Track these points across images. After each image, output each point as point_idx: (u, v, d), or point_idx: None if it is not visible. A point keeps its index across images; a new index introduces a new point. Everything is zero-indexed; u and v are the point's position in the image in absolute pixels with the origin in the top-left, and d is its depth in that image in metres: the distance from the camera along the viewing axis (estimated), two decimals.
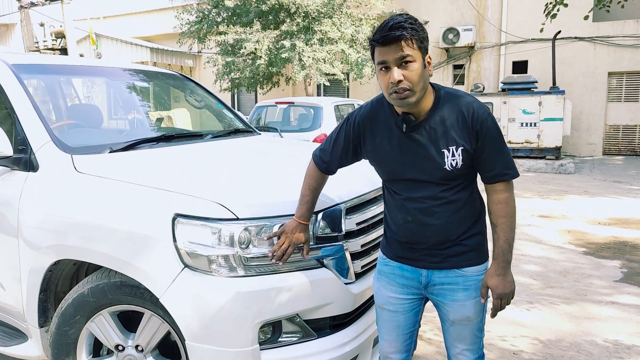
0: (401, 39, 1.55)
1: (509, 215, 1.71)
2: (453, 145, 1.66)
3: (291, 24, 11.58)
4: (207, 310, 1.82)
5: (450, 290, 1.78)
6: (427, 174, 1.70)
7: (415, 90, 1.60)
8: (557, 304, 3.72)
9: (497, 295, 1.72)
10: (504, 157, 1.70)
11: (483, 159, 1.69)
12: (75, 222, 2.09)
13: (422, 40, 1.60)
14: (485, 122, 1.66)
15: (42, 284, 2.20)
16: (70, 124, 3.04)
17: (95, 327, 2.11)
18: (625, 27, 11.97)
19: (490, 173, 1.70)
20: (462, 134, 1.66)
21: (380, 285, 1.90)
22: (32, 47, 13.46)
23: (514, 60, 13.23)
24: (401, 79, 1.57)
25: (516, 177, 1.71)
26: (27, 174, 2.29)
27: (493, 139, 1.67)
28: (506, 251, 1.71)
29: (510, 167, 1.71)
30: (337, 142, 1.90)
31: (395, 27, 1.55)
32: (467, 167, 1.69)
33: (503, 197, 1.71)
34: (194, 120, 4.39)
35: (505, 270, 1.72)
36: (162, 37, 18.00)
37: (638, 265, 4.55)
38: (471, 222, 1.76)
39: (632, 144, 12.66)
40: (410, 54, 1.57)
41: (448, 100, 1.70)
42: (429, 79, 1.68)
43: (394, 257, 1.86)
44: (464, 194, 1.74)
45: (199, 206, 1.89)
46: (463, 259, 1.76)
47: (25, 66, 2.73)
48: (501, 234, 1.71)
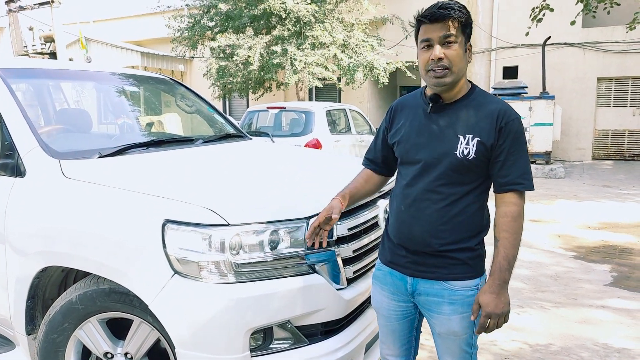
0: (448, 17, 1.57)
1: (514, 231, 1.62)
2: (470, 134, 1.63)
3: (282, 29, 11.59)
4: (197, 317, 1.80)
5: (436, 303, 1.73)
6: (436, 157, 1.65)
7: (453, 70, 1.61)
8: (548, 308, 3.73)
9: (485, 313, 1.62)
10: (522, 165, 1.63)
11: (499, 162, 1.63)
12: (63, 228, 2.06)
13: (466, 25, 1.62)
14: (512, 122, 1.62)
15: (30, 291, 2.17)
16: (58, 129, 3.01)
17: (83, 335, 2.08)
18: (614, 33, 12.11)
19: (503, 179, 1.63)
20: (483, 125, 1.62)
21: (375, 290, 1.91)
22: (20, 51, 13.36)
23: (504, 65, 13.34)
24: (442, 56, 1.59)
25: (530, 189, 1.63)
26: (14, 179, 2.26)
27: (515, 142, 1.62)
28: (504, 269, 1.61)
29: (526, 177, 1.63)
30: (378, 136, 1.95)
31: (444, 7, 1.59)
32: (478, 165, 1.63)
33: (511, 210, 1.62)
34: (184, 125, 4.36)
35: (499, 289, 1.61)
36: (153, 42, 17.96)
37: (627, 269, 4.58)
38: (467, 235, 1.68)
39: (620, 149, 12.79)
40: (454, 34, 1.59)
41: (481, 95, 1.70)
42: (466, 66, 1.67)
43: (385, 262, 1.86)
44: (465, 200, 1.67)
45: (189, 212, 1.87)
46: (449, 271, 1.70)
47: (13, 70, 2.70)
48: (501, 250, 1.62)
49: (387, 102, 17.33)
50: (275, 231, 1.93)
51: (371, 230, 2.33)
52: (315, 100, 15.27)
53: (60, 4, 12.43)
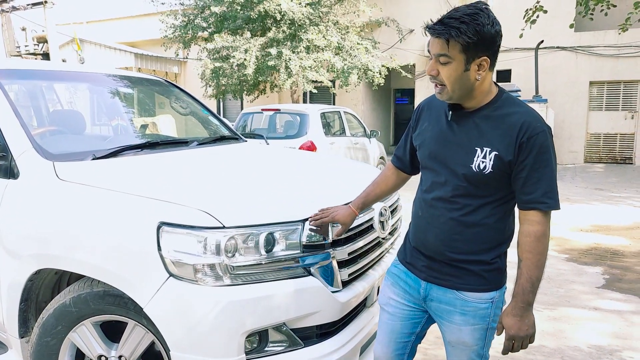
0: (440, 37, 1.48)
1: (538, 252, 1.53)
2: (488, 147, 1.54)
3: (277, 31, 11.59)
4: (192, 320, 1.80)
5: (447, 311, 1.70)
6: (452, 168, 1.60)
7: (448, 89, 1.54)
8: (541, 309, 3.74)
9: (509, 336, 1.57)
10: (547, 182, 1.51)
11: (522, 178, 1.52)
12: (57, 231, 2.05)
13: (469, 43, 1.46)
14: (536, 137, 1.50)
15: (23, 293, 2.15)
16: (52, 131, 2.99)
17: (77, 338, 2.07)
18: (607, 37, 12.21)
19: (526, 197, 1.53)
20: (502, 139, 1.52)
21: (386, 285, 1.89)
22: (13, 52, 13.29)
23: (497, 68, 13.39)
24: (433, 73, 1.55)
25: (555, 209, 1.53)
26: (7, 181, 2.24)
27: (539, 158, 1.50)
28: (527, 291, 1.54)
29: (551, 196, 1.52)
30: (407, 134, 1.90)
31: (444, 22, 1.48)
32: (496, 179, 1.55)
33: (534, 229, 1.53)
34: (179, 127, 4.35)
35: (523, 312, 1.55)
36: (147, 43, 17.90)
37: (619, 272, 4.61)
38: (484, 247, 1.62)
39: (612, 152, 12.88)
40: (446, 54, 1.49)
41: (507, 104, 1.59)
42: (474, 82, 1.54)
43: (403, 261, 1.84)
44: (482, 212, 1.60)
45: (185, 214, 1.87)
46: (463, 281, 1.65)
47: (5, 71, 2.68)
48: (525, 271, 1.54)
49: (381, 105, 17.36)
50: (271, 234, 1.93)
51: (366, 233, 2.33)
52: (309, 103, 15.27)
53: (53, 4, 12.39)
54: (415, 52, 14.02)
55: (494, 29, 1.51)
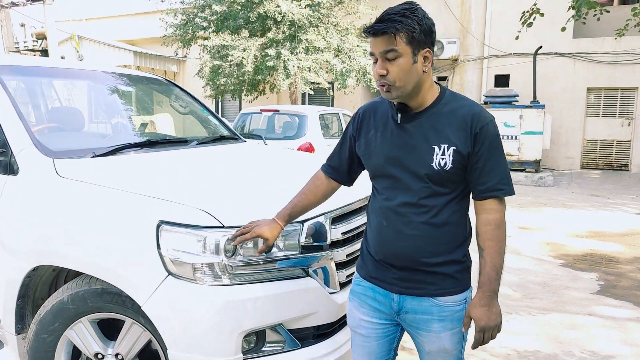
0: (386, 32, 1.48)
1: (499, 239, 1.56)
2: (445, 144, 1.54)
3: (277, 32, 11.60)
4: (190, 319, 1.80)
5: (425, 320, 1.64)
6: (413, 171, 1.57)
7: (399, 86, 1.52)
8: (536, 314, 3.76)
9: (479, 328, 1.56)
10: (501, 170, 1.56)
11: (478, 169, 1.55)
12: (55, 228, 2.05)
13: (414, 34, 1.48)
14: (487, 127, 1.55)
15: (20, 290, 2.15)
16: (52, 127, 2.99)
17: (74, 335, 2.07)
18: (604, 44, 12.25)
19: (483, 186, 1.56)
20: (458, 134, 1.54)
21: (353, 307, 1.79)
22: (11, 48, 13.23)
23: (496, 73, 13.44)
24: (383, 73, 1.51)
25: (511, 194, 1.57)
26: (7, 177, 2.25)
27: (492, 147, 1.55)
28: (493, 279, 1.55)
29: (506, 182, 1.56)
30: (343, 143, 1.83)
31: (385, 19, 1.49)
32: (457, 174, 1.56)
33: (493, 217, 1.56)
34: (177, 126, 4.36)
35: (490, 301, 1.56)
36: (146, 41, 17.86)
37: (614, 278, 4.63)
38: (453, 245, 1.62)
39: (609, 159, 12.93)
40: (395, 49, 1.48)
41: (452, 99, 1.61)
42: (423, 75, 1.55)
43: (367, 276, 1.73)
44: (448, 210, 1.59)
45: (184, 213, 1.88)
46: (438, 287, 1.62)
47: (7, 67, 2.68)
48: (488, 260, 1.55)
49: None
50: None
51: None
52: (308, 104, 15.28)
53: (53, 1, 12.35)
54: None
55: (430, 21, 1.54)
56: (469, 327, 1.61)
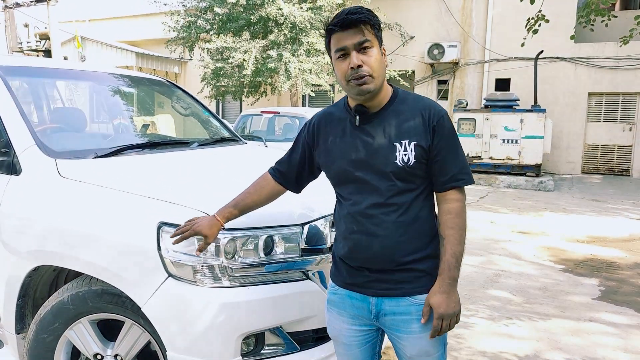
0: (360, 22, 1.52)
1: (459, 227, 1.59)
2: (406, 139, 1.57)
3: (278, 34, 11.63)
4: (190, 321, 1.80)
5: (404, 321, 1.62)
6: (377, 171, 1.58)
7: (375, 76, 1.54)
8: (536, 320, 3.76)
9: (438, 315, 1.55)
10: (460, 160, 1.61)
11: (438, 161, 1.58)
12: (57, 228, 2.05)
13: (378, 28, 1.58)
14: (442, 119, 1.59)
15: (21, 289, 2.16)
16: (54, 128, 3.00)
17: (74, 335, 2.08)
18: (606, 48, 12.26)
19: (444, 177, 1.59)
20: (417, 129, 1.58)
21: (331, 317, 1.76)
22: (15, 48, 13.28)
23: (497, 77, 13.45)
24: (360, 63, 1.52)
25: (471, 183, 1.62)
26: (10, 177, 2.25)
27: (449, 138, 1.59)
28: (452, 266, 1.57)
29: (465, 171, 1.61)
30: (295, 151, 1.81)
31: (354, 12, 1.53)
32: (421, 168, 1.58)
33: (454, 206, 1.60)
34: (178, 127, 4.36)
35: (450, 288, 1.57)
36: (148, 42, 17.91)
37: (615, 284, 4.63)
38: (424, 241, 1.62)
39: (610, 164, 12.92)
40: (369, 39, 1.54)
41: (405, 97, 1.65)
42: (385, 71, 1.63)
43: (342, 284, 1.70)
44: (416, 206, 1.60)
45: (185, 215, 1.87)
46: (415, 285, 1.61)
47: (11, 68, 2.69)
48: (448, 247, 1.58)
49: None
50: (270, 236, 1.95)
51: None
52: (308, 106, 15.30)
53: (56, 2, 12.39)
54: (415, 58, 14.06)
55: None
56: (428, 316, 1.59)
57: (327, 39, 1.60)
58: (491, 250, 5.70)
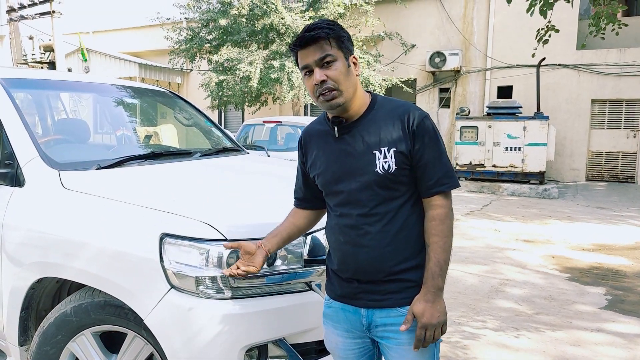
0: (317, 38, 1.52)
1: (443, 234, 1.54)
2: (385, 147, 1.55)
3: (281, 44, 11.69)
4: (192, 333, 1.79)
5: (394, 332, 1.58)
6: (359, 180, 1.56)
7: (342, 89, 1.54)
8: (543, 330, 3.72)
9: (421, 324, 1.51)
10: (443, 164, 1.57)
11: (422, 166, 1.55)
12: (60, 240, 2.05)
13: (341, 39, 1.56)
14: (422, 123, 1.55)
15: (24, 301, 2.16)
16: (58, 139, 3.01)
17: (76, 348, 2.07)
18: (609, 55, 12.26)
19: (428, 182, 1.55)
20: (396, 135, 1.55)
21: (327, 330, 1.75)
22: (20, 60, 13.39)
23: (499, 85, 13.46)
24: (324, 78, 1.53)
25: (456, 187, 1.57)
26: (13, 189, 2.26)
27: (431, 142, 1.55)
28: (436, 275, 1.52)
29: (450, 175, 1.57)
30: (299, 173, 1.83)
31: (311, 29, 1.54)
32: (403, 174, 1.55)
33: (438, 212, 1.55)
34: (180, 137, 4.38)
35: (434, 297, 1.52)
36: (151, 53, 18.04)
37: (622, 293, 4.59)
38: (413, 250, 1.58)
39: (614, 171, 12.88)
40: (330, 54, 1.53)
41: (384, 104, 1.63)
42: (357, 81, 1.60)
43: (335, 296, 1.70)
44: (402, 214, 1.57)
45: (187, 226, 1.88)
46: (405, 295, 1.58)
47: (14, 80, 2.71)
48: (432, 255, 1.53)
49: None
50: None
51: None
52: (310, 115, 15.33)
53: (61, 14, 12.51)
54: (417, 66, 14.09)
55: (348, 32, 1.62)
56: (410, 324, 1.54)
57: (295, 57, 1.61)
58: (495, 259, 5.67)
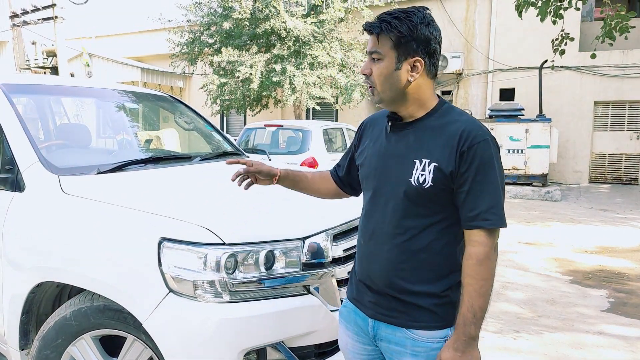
0: (372, 32, 1.43)
1: (480, 276, 1.37)
2: (427, 158, 1.40)
3: (282, 47, 11.71)
4: (191, 337, 1.80)
5: (397, 352, 1.49)
6: (391, 185, 1.47)
7: (378, 89, 1.45)
8: (544, 332, 3.71)
9: None
10: (491, 196, 1.37)
11: (463, 192, 1.39)
12: (59, 244, 2.06)
13: (401, 39, 1.40)
14: (478, 146, 1.37)
15: (25, 306, 2.17)
16: (58, 144, 3.03)
17: (76, 351, 2.07)
18: (611, 57, 12.24)
19: (468, 213, 1.38)
20: (443, 150, 1.39)
21: (341, 329, 1.70)
22: (23, 65, 13.45)
23: (501, 87, 13.45)
24: (367, 72, 1.46)
25: (500, 226, 1.38)
26: (13, 194, 2.27)
27: (482, 168, 1.37)
28: (468, 322, 1.36)
29: (495, 212, 1.37)
30: (347, 152, 1.80)
31: (377, 19, 1.44)
32: (438, 194, 1.41)
33: (477, 251, 1.38)
34: (182, 141, 4.39)
35: (465, 346, 1.37)
36: (153, 58, 18.09)
37: (625, 295, 4.57)
38: (432, 275, 1.45)
39: (618, 173, 12.84)
40: (378, 51, 1.43)
41: (447, 113, 1.47)
42: (410, 85, 1.44)
43: (351, 298, 1.65)
44: (428, 235, 1.43)
45: (186, 230, 1.88)
46: (412, 318, 1.46)
47: (15, 86, 2.73)
48: (466, 299, 1.37)
49: None
50: (271, 251, 1.94)
51: None
52: (312, 119, 15.34)
53: (63, 19, 12.57)
54: None
55: (428, 30, 1.42)
56: None
57: None
58: (498, 262, 5.65)
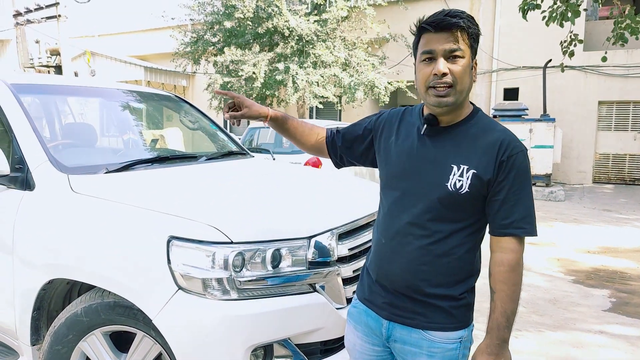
0: (457, 27, 1.38)
1: (512, 282, 1.41)
2: (466, 165, 1.41)
3: (285, 46, 11.73)
4: (199, 333, 1.83)
5: (412, 353, 1.50)
6: (425, 187, 1.45)
7: (458, 89, 1.41)
8: (545, 331, 3.74)
9: None
10: (526, 206, 1.41)
11: (498, 201, 1.41)
12: (70, 242, 2.10)
13: (475, 38, 1.43)
14: (517, 157, 1.40)
15: (36, 302, 2.21)
16: (66, 144, 3.07)
17: (87, 347, 2.11)
18: (615, 57, 12.23)
19: (502, 221, 1.41)
20: (483, 158, 1.41)
21: (349, 329, 1.70)
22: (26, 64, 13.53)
23: (505, 87, 13.45)
24: (446, 71, 1.39)
25: (532, 235, 1.42)
26: (24, 192, 2.31)
27: (518, 179, 1.41)
28: (502, 326, 1.41)
29: (529, 221, 1.41)
30: (355, 126, 1.75)
31: (452, 15, 1.39)
32: (472, 201, 1.43)
33: (508, 258, 1.41)
34: (186, 140, 4.43)
35: (499, 350, 1.42)
36: (157, 57, 18.14)
37: (627, 295, 4.59)
38: (453, 279, 1.48)
39: (621, 173, 12.83)
40: (461, 49, 1.40)
41: (484, 120, 1.49)
42: (471, 86, 1.46)
43: (362, 298, 1.65)
44: (453, 240, 1.45)
45: (194, 229, 1.92)
46: (429, 319, 1.48)
47: (23, 86, 2.77)
48: (499, 304, 1.41)
49: None
50: (278, 250, 1.98)
51: None
52: (315, 118, 15.37)
53: (66, 18, 12.62)
54: None
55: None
56: None
57: (417, 38, 1.47)
58: None
